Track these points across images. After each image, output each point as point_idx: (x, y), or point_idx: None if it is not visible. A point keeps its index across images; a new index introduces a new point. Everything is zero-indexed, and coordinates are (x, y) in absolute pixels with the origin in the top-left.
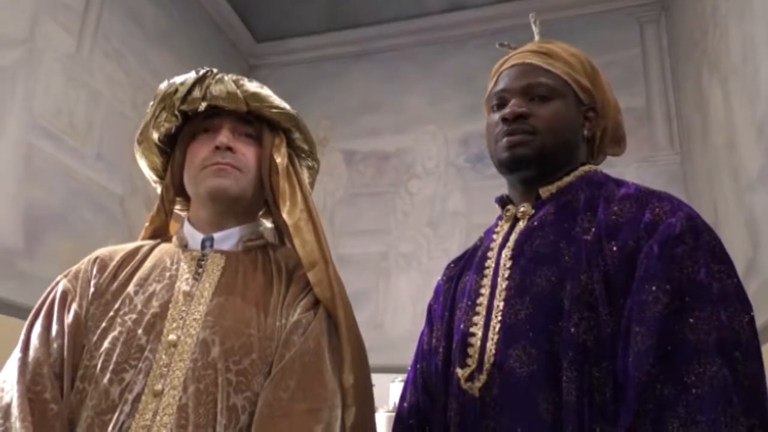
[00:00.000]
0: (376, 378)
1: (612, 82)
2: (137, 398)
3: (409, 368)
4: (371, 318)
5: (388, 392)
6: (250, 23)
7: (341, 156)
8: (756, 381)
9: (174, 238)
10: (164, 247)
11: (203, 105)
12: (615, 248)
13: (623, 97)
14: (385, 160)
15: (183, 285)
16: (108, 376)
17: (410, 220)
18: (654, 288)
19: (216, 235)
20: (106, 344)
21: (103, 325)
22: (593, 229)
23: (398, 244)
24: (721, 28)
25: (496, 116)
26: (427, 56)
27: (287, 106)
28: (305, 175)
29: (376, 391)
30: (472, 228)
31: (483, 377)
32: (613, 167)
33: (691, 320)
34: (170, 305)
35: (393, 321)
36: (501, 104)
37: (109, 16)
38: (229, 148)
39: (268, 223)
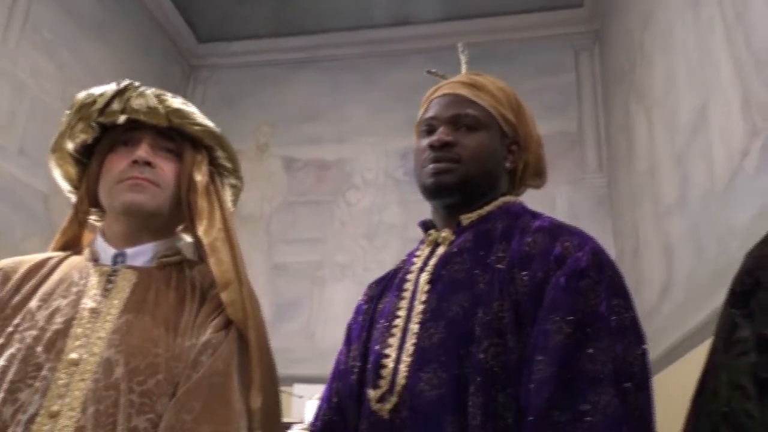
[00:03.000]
0: (307, 389)
1: (548, 105)
2: (31, 420)
3: (325, 387)
4: (304, 328)
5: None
6: (192, 22)
7: (281, 163)
8: (645, 411)
9: (85, 252)
10: (74, 260)
11: (122, 118)
12: (526, 278)
13: (558, 120)
14: (325, 169)
15: (89, 301)
16: (1, 395)
17: (347, 230)
18: (558, 318)
19: (129, 251)
20: (1, 362)
21: (1, 341)
22: (507, 259)
23: (334, 253)
24: (647, 61)
25: (424, 142)
26: (370, 68)
27: (211, 124)
28: (228, 194)
29: (307, 403)
30: (408, 241)
31: (394, 399)
32: (545, 187)
33: (590, 351)
34: (74, 322)
35: (325, 331)
36: (429, 131)
37: (39, 7)
38: (148, 163)
39: (189, 238)
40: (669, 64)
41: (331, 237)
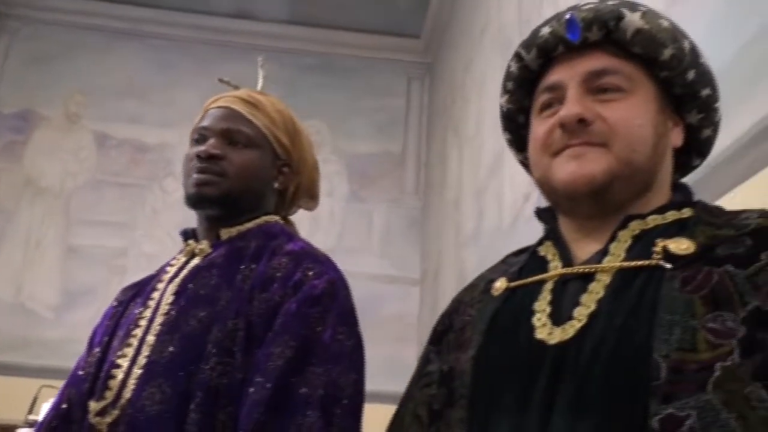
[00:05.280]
0: None
1: (377, 124)
2: None
3: (59, 392)
4: (95, 317)
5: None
6: None
7: (92, 137)
8: None
9: None
10: None
11: None
12: (263, 300)
13: (385, 140)
14: (143, 151)
15: None
16: None
17: (160, 219)
18: (283, 342)
19: None
20: None
21: None
22: (251, 279)
23: (141, 242)
24: (464, 100)
25: (193, 151)
26: (206, 55)
27: None
28: None
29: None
30: None
31: (116, 413)
32: (365, 203)
33: (307, 375)
34: None
35: None
36: (200, 140)
37: None
38: None
39: None
40: (480, 108)
41: (141, 224)
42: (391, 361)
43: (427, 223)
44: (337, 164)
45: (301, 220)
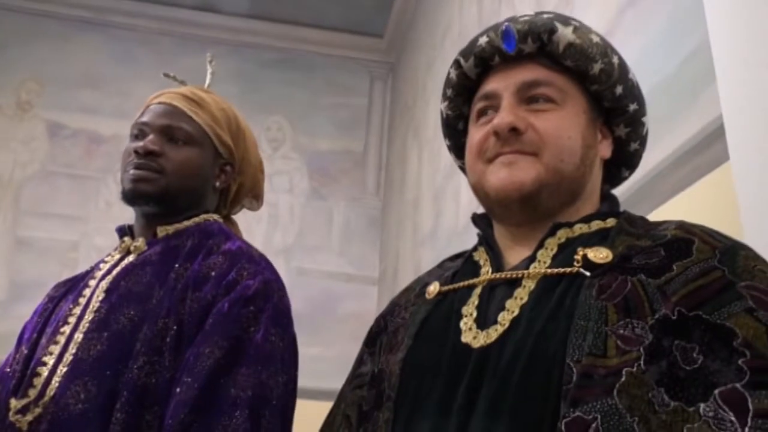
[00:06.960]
0: None
1: (339, 122)
2: None
3: None
4: None
5: None
6: None
7: (45, 126)
8: None
9: None
10: None
11: None
12: (195, 299)
13: (346, 139)
14: (98, 143)
15: None
16: None
17: (113, 212)
18: (213, 342)
19: None
20: None
21: None
22: (185, 277)
23: (94, 235)
24: (425, 102)
25: (132, 146)
26: (166, 47)
27: None
28: None
29: None
30: None
31: (38, 410)
32: (325, 200)
33: (235, 376)
34: None
35: None
36: (139, 136)
37: None
38: None
39: None
40: (439, 110)
41: (93, 217)
42: (347, 359)
43: (386, 222)
44: (298, 161)
45: (261, 216)
